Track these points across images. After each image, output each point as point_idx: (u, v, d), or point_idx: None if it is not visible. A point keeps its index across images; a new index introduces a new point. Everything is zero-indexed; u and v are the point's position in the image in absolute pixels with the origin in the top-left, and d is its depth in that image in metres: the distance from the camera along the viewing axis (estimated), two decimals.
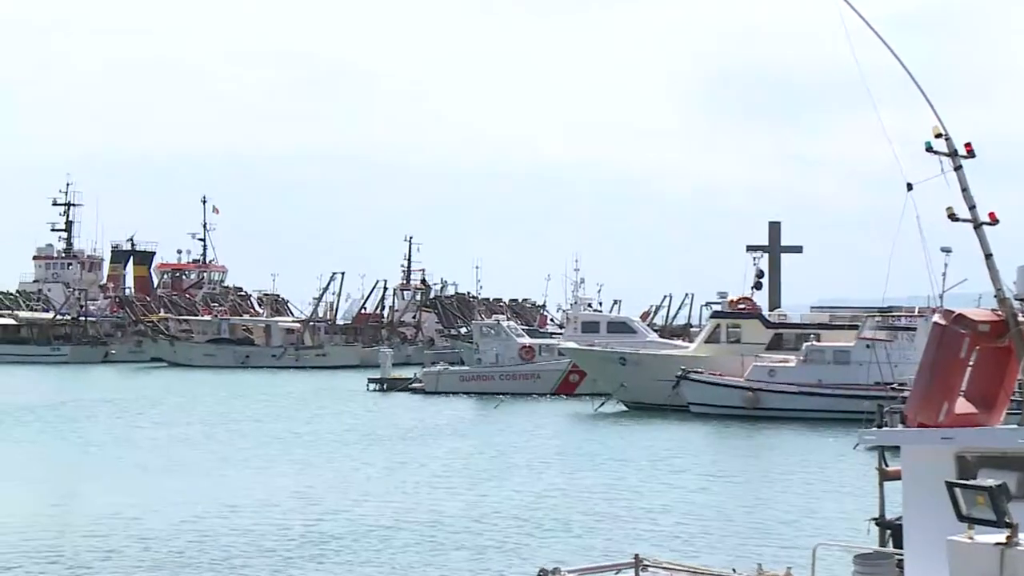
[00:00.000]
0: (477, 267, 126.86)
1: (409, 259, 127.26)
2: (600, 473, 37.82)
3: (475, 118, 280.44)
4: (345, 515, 29.86)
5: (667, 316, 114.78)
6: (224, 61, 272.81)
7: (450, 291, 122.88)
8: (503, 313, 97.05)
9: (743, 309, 60.46)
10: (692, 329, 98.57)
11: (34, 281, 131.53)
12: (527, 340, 74.98)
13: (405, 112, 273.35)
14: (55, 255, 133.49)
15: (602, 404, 60.10)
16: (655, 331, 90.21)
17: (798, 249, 76.37)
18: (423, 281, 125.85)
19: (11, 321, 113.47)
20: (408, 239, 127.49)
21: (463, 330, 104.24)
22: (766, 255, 68.81)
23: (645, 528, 28.28)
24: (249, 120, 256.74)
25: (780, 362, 56.96)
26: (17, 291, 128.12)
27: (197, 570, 23.79)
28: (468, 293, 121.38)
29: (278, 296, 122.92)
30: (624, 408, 60.15)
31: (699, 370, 57.35)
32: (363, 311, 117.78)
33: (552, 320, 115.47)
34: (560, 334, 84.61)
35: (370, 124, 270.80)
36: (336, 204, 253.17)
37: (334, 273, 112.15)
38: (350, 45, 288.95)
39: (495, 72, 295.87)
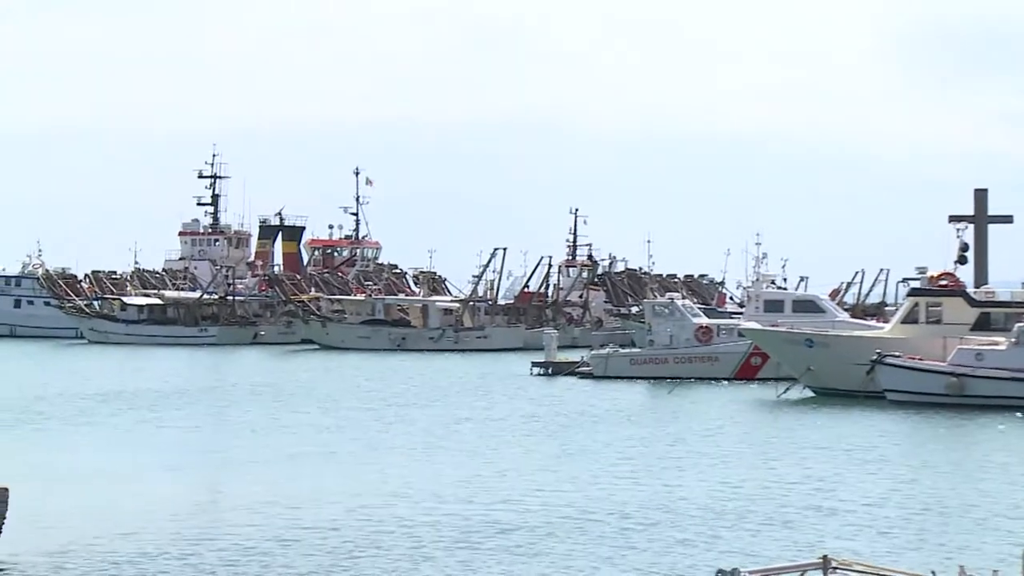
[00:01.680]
0: (649, 241, 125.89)
1: (575, 233, 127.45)
2: (785, 465, 37.75)
3: (647, 83, 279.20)
4: (515, 505, 30.44)
5: (859, 294, 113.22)
6: (377, 23, 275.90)
7: (619, 267, 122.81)
8: (677, 291, 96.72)
9: (945, 286, 59.48)
10: (887, 308, 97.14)
11: (180, 258, 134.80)
12: (704, 320, 74.72)
13: (571, 77, 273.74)
14: (201, 231, 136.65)
15: (786, 390, 59.75)
16: (846, 310, 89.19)
17: (1008, 219, 74.44)
18: (590, 257, 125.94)
19: (157, 301, 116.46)
20: (574, 212, 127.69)
21: (634, 309, 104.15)
22: (971, 226, 67.44)
23: (834, 525, 28.24)
24: (404, 86, 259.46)
25: (987, 345, 55.94)
26: (164, 269, 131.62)
27: (357, 564, 24.46)
28: (639, 269, 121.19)
29: (435, 274, 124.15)
30: (811, 394, 59.75)
31: (896, 353, 56.63)
32: (526, 290, 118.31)
33: (731, 298, 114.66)
34: (740, 313, 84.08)
35: (533, 89, 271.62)
36: (497, 175, 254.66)
37: (495, 249, 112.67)
38: (510, 5, 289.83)
39: (667, 33, 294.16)
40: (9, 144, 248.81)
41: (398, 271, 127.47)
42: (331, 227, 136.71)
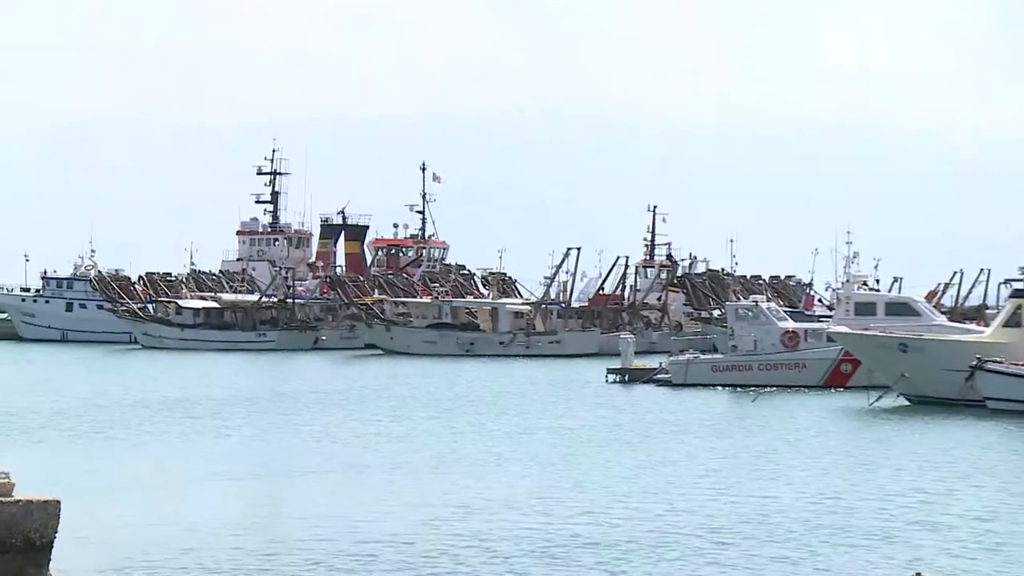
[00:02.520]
0: (732, 240, 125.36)
1: (653, 232, 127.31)
2: (878, 478, 37.47)
3: (725, 73, 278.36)
4: (596, 518, 30.38)
5: (958, 295, 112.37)
6: (442, 10, 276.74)
7: (700, 268, 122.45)
8: (762, 293, 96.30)
9: None
10: (988, 311, 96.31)
11: (238, 259, 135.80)
12: (791, 324, 74.33)
13: (646, 66, 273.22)
14: (260, 230, 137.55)
15: (879, 398, 59.32)
16: (943, 313, 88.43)
17: None
18: (669, 256, 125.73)
19: (213, 304, 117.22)
20: (652, 209, 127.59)
21: (716, 313, 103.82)
22: None
23: (930, 543, 28.00)
24: (472, 75, 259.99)
25: None
26: (220, 271, 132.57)
27: None
28: (722, 270, 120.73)
29: (505, 275, 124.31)
30: (906, 402, 59.28)
31: (998, 359, 56.04)
32: (601, 292, 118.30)
33: (820, 301, 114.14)
34: (829, 317, 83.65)
35: (607, 78, 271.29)
36: (571, 169, 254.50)
37: (568, 249, 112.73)
38: None
39: (743, 22, 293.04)
40: (59, 137, 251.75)
41: (466, 272, 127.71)
42: (396, 226, 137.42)
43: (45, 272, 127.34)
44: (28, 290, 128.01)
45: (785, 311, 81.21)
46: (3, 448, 42.46)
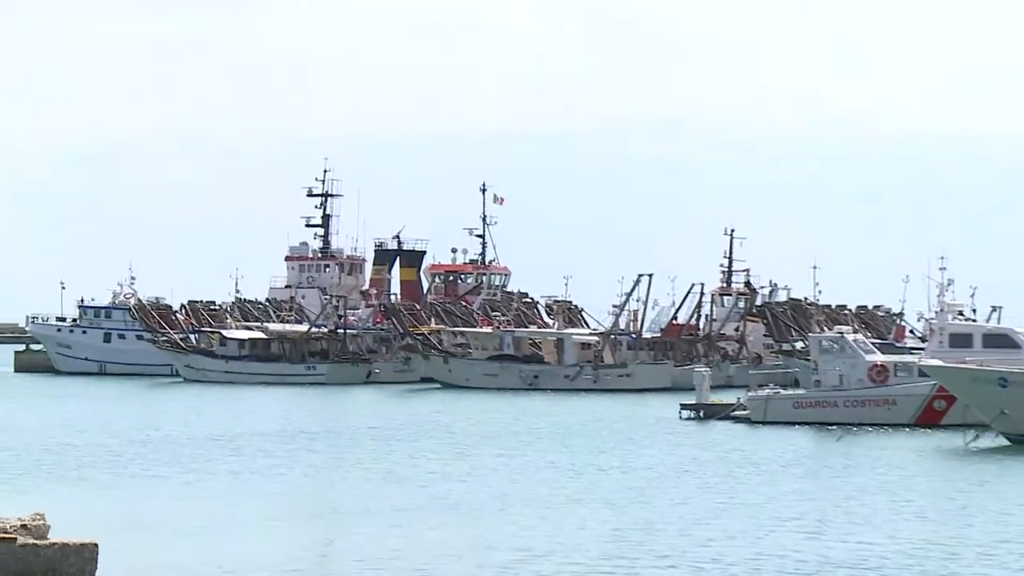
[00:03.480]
0: (815, 267, 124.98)
1: (730, 257, 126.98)
2: (978, 523, 37.10)
3: (812, 83, 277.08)
4: (673, 562, 30.28)
5: None
6: (503, 21, 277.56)
7: (781, 296, 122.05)
8: (848, 323, 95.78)
9: None
10: None
11: (286, 286, 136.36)
12: (879, 357, 73.84)
13: (722, 76, 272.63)
14: (310, 255, 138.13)
15: (976, 437, 58.77)
16: None
17: None
18: (747, 284, 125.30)
19: (260, 335, 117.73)
20: (729, 232, 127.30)
21: (798, 345, 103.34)
22: None
23: None
24: (534, 91, 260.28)
25: None
26: (267, 299, 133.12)
27: None
28: (804, 299, 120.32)
29: (571, 303, 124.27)
30: (1005, 442, 58.71)
31: None
32: (674, 322, 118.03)
33: (912, 332, 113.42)
34: (922, 349, 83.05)
35: (679, 90, 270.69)
36: (640, 190, 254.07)
37: (639, 275, 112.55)
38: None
39: (837, 28, 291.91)
40: (96, 156, 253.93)
41: (529, 300, 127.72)
42: (454, 251, 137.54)
43: (82, 300, 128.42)
44: (64, 319, 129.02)
45: (873, 343, 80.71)
46: (40, 488, 42.79)
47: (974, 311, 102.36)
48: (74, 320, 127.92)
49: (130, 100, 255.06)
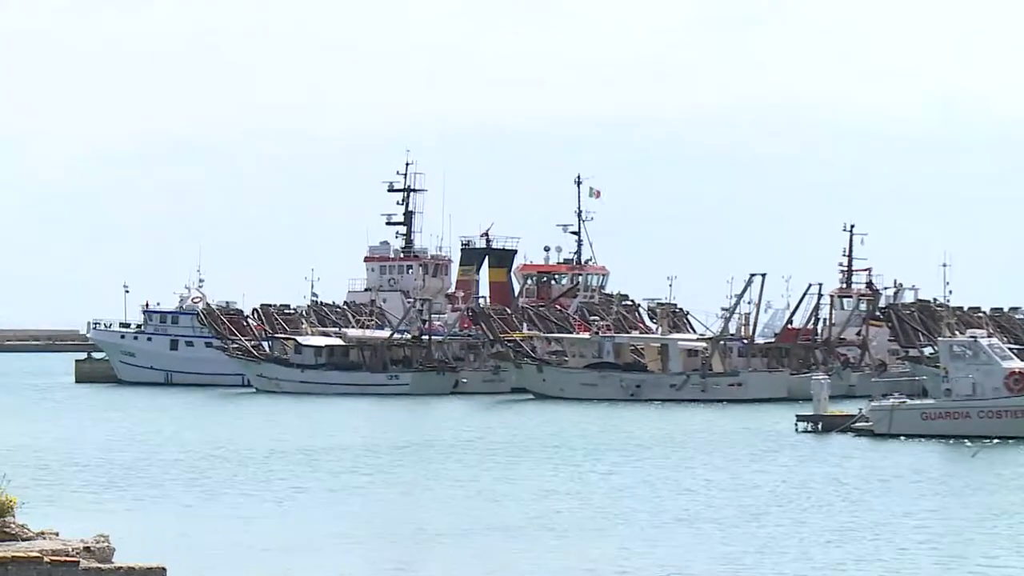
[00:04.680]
0: (945, 265, 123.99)
1: (850, 255, 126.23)
2: None
3: (932, 64, 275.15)
4: None
5: None
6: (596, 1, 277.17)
7: (908, 297, 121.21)
8: (982, 327, 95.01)
9: None
10: None
11: (365, 289, 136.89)
12: (1017, 364, 73.20)
13: (837, 55, 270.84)
14: (391, 256, 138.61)
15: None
16: None
17: None
18: (870, 284, 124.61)
19: (338, 341, 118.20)
20: (849, 228, 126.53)
21: (926, 351, 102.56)
22: None
23: None
24: (637, 73, 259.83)
25: None
26: (345, 303, 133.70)
27: None
28: (933, 300, 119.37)
29: (676, 306, 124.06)
30: None
31: None
32: (790, 326, 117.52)
33: None
34: None
35: (793, 74, 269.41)
36: (751, 182, 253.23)
37: (751, 275, 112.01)
38: None
39: (961, 5, 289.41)
40: (161, 152, 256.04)
41: (630, 303, 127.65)
42: (548, 249, 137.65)
43: (147, 305, 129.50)
44: (128, 326, 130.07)
45: (1010, 348, 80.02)
46: (105, 507, 43.24)
47: None
48: (138, 326, 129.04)
49: (194, 91, 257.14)
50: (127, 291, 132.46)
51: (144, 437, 70.05)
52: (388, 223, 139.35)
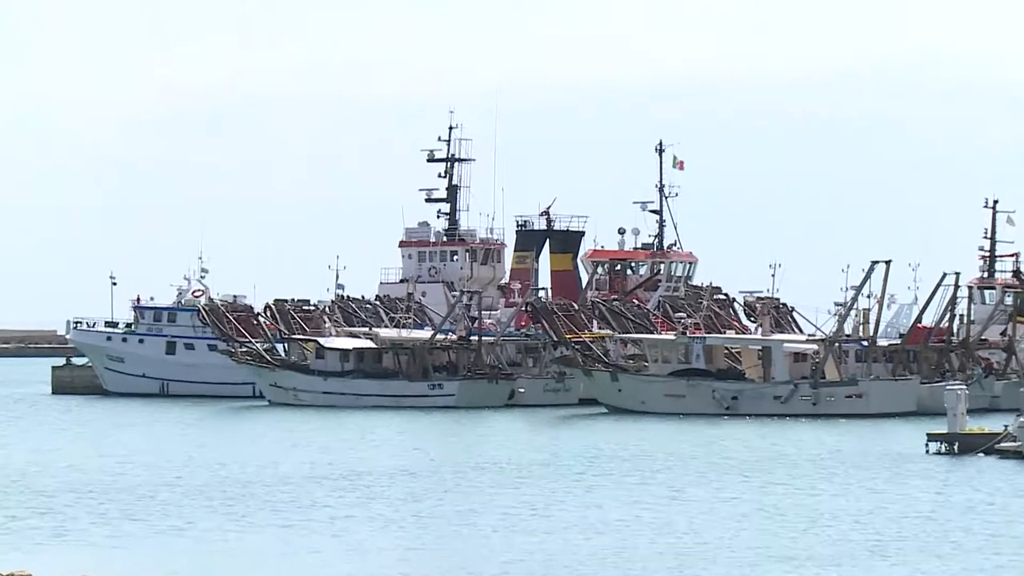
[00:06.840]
0: None
1: (993, 238, 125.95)
2: None
3: None
4: None
5: None
6: None
7: None
8: None
9: None
10: None
11: (401, 281, 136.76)
12: None
13: (972, 11, 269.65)
14: (432, 240, 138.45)
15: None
16: None
17: None
18: (1017, 274, 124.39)
19: (368, 343, 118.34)
20: (991, 205, 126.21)
21: None
22: None
23: None
24: (729, 30, 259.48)
25: None
26: (377, 297, 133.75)
27: None
28: None
29: (779, 301, 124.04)
30: None
31: None
32: (919, 324, 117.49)
33: None
34: None
35: (906, 28, 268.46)
36: (867, 153, 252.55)
37: (872, 263, 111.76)
38: None
39: None
40: (158, 121, 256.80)
41: (723, 297, 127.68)
42: (622, 232, 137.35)
43: (138, 300, 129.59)
44: (115, 325, 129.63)
45: None
46: (94, 539, 44.19)
47: None
48: (128, 326, 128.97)
49: (207, 58, 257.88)
50: (114, 283, 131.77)
51: (139, 460, 70.38)
52: (428, 200, 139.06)
